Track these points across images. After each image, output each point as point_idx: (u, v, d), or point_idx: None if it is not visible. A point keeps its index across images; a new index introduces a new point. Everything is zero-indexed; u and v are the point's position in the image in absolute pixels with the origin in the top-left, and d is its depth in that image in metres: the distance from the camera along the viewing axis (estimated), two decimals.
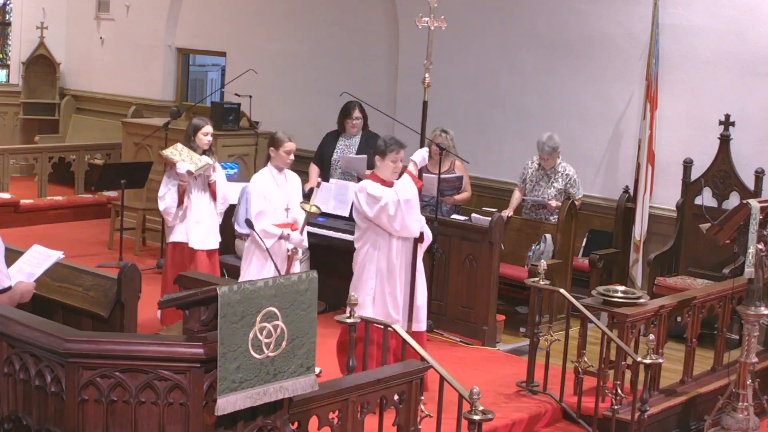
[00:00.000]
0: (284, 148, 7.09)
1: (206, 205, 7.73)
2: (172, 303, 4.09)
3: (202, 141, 7.72)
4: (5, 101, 14.13)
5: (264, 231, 6.88)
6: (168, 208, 7.61)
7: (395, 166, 6.59)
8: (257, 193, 7.01)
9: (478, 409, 5.11)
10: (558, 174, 8.89)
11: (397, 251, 6.57)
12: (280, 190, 7.09)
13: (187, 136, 7.77)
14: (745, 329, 6.63)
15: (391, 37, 11.18)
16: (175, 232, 7.70)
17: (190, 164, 7.53)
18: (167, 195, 7.62)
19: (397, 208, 6.43)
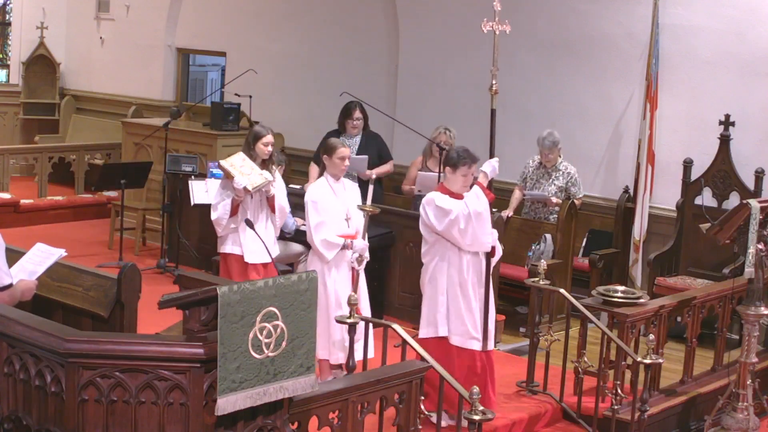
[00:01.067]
0: (338, 155, 6.74)
1: (263, 217, 7.24)
2: (172, 303, 4.09)
3: (263, 151, 7.25)
4: (5, 101, 14.14)
5: (325, 242, 6.60)
6: (219, 219, 7.15)
7: (466, 179, 6.28)
8: (314, 203, 6.69)
9: (478, 409, 5.12)
10: (559, 172, 8.90)
11: (468, 265, 6.27)
12: (339, 200, 6.77)
13: (247, 144, 7.32)
14: (745, 329, 6.63)
15: (391, 37, 11.18)
16: (228, 242, 7.24)
17: (248, 180, 7.02)
18: (220, 205, 7.14)
19: (468, 221, 6.12)
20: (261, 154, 7.24)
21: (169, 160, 9.95)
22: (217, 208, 7.16)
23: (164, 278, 9.55)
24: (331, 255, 6.61)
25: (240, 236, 7.15)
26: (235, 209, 7.09)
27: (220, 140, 10.60)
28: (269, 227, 7.25)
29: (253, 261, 7.18)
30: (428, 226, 6.27)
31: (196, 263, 9.77)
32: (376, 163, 9.16)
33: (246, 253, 7.16)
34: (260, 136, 7.29)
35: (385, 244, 8.59)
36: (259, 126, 7.46)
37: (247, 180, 7.00)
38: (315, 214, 6.67)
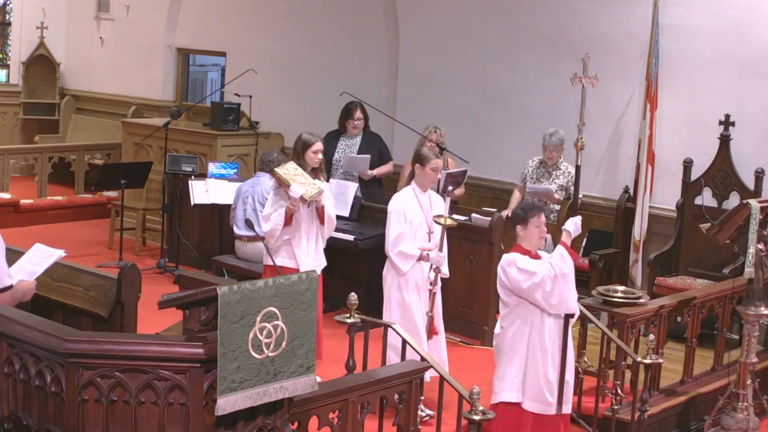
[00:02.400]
0: (431, 165, 6.51)
1: (314, 228, 6.94)
2: (172, 303, 4.09)
3: (312, 159, 6.94)
4: (5, 101, 14.13)
5: (401, 253, 6.43)
6: (273, 230, 6.78)
7: (540, 230, 5.95)
8: (397, 214, 6.45)
9: (478, 409, 5.12)
10: (560, 171, 8.90)
11: (550, 329, 5.93)
12: (423, 212, 6.55)
13: (296, 152, 7.02)
14: (745, 329, 6.63)
15: (391, 37, 11.18)
16: (280, 254, 6.87)
17: (304, 189, 6.73)
18: (273, 216, 6.79)
19: (555, 283, 5.80)
20: (311, 162, 6.94)
21: (169, 160, 9.95)
22: (270, 218, 6.80)
23: (164, 278, 9.56)
24: (406, 267, 6.42)
25: (294, 248, 6.84)
26: (289, 219, 6.78)
27: (220, 140, 10.60)
28: (318, 237, 6.96)
29: None
30: (510, 288, 5.88)
31: (196, 263, 9.77)
32: (376, 163, 9.17)
33: (301, 267, 6.82)
34: (309, 144, 6.97)
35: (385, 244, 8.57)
36: (307, 134, 7.10)
37: (304, 189, 6.71)
38: (396, 224, 6.46)
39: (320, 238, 6.98)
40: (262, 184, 8.46)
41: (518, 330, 5.92)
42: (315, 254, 6.91)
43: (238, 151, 10.80)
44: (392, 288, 6.62)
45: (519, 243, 5.98)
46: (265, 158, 8.62)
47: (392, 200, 6.62)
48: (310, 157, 6.95)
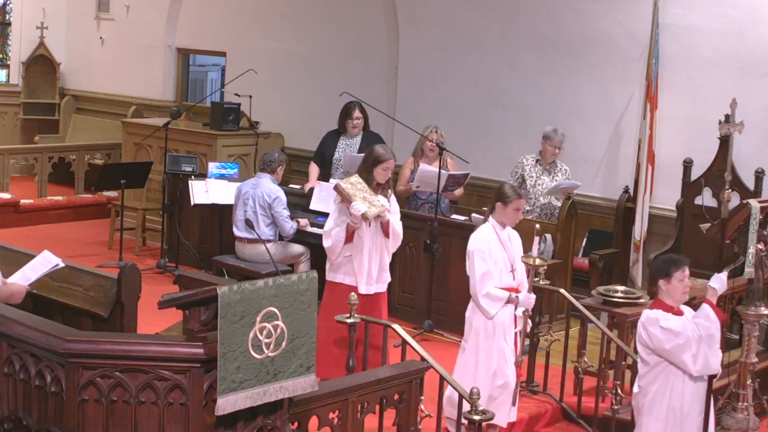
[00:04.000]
0: (514, 206, 6.23)
1: (378, 244, 6.65)
2: (172, 303, 4.09)
3: (381, 175, 6.61)
4: (5, 101, 14.13)
5: (489, 296, 6.11)
6: (334, 246, 6.56)
7: (684, 285, 5.55)
8: (480, 252, 6.13)
9: (478, 409, 5.12)
10: (557, 169, 8.91)
11: (692, 393, 5.57)
12: (505, 250, 6.25)
13: (366, 166, 6.66)
14: (745, 329, 6.63)
15: (391, 36, 11.18)
16: (339, 271, 6.64)
17: (366, 206, 6.46)
18: (334, 232, 6.55)
19: (699, 345, 5.44)
20: (379, 178, 6.61)
21: (169, 160, 9.95)
22: (331, 234, 6.57)
23: (164, 278, 9.55)
24: (495, 310, 6.12)
25: (354, 265, 6.60)
26: (350, 236, 6.54)
27: (220, 140, 10.60)
28: (383, 254, 6.69)
29: (367, 292, 6.59)
30: (651, 348, 5.52)
31: (196, 263, 9.77)
32: None
33: (361, 285, 6.58)
34: (382, 160, 6.60)
35: None
36: (382, 148, 6.73)
37: (366, 206, 6.46)
38: (481, 263, 6.13)
39: (385, 254, 6.71)
40: (262, 185, 8.46)
41: (658, 392, 5.57)
42: (379, 271, 6.65)
43: (238, 151, 10.80)
44: (479, 334, 6.23)
45: (661, 298, 5.58)
46: (266, 158, 8.62)
47: (472, 240, 6.24)
48: (380, 174, 6.62)
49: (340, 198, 6.56)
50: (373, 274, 6.62)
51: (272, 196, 8.39)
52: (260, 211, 8.38)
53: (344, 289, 6.53)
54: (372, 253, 6.61)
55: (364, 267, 6.58)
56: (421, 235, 8.43)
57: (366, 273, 6.58)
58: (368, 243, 6.58)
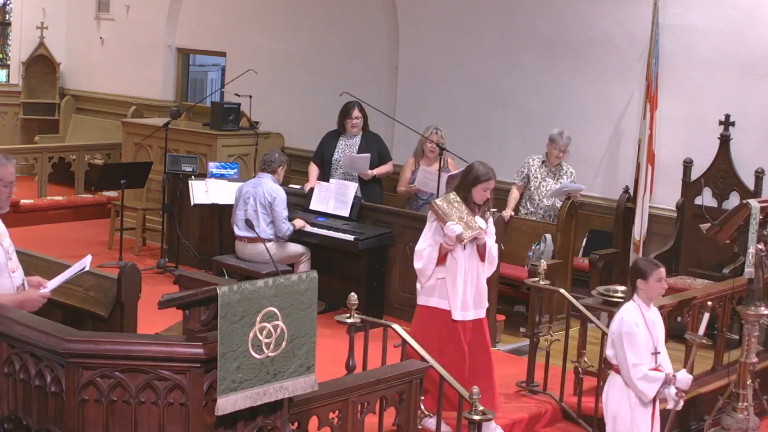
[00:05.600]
0: (655, 277, 5.73)
1: (474, 268, 6.26)
2: (172, 303, 4.09)
3: (480, 196, 6.24)
4: (5, 101, 14.13)
5: (646, 378, 5.70)
6: (425, 269, 6.19)
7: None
8: (630, 336, 5.69)
9: (478, 409, 5.12)
10: (562, 171, 8.92)
11: None
12: (649, 331, 5.78)
13: (464, 184, 6.26)
14: (745, 329, 6.63)
15: (390, 37, 11.18)
16: (433, 294, 6.26)
17: (462, 226, 6.11)
18: (425, 252, 6.19)
19: None
20: (477, 198, 6.24)
21: (169, 160, 9.95)
22: (422, 255, 6.20)
23: (164, 278, 9.55)
24: (653, 391, 5.73)
25: (448, 289, 6.19)
26: (443, 258, 6.17)
27: (220, 140, 10.60)
28: (479, 277, 6.29)
29: (463, 318, 6.22)
30: None
31: (196, 263, 9.77)
32: (376, 163, 9.17)
33: (455, 310, 6.20)
34: (483, 179, 6.23)
35: (385, 244, 8.59)
36: (483, 166, 6.34)
37: (462, 227, 6.11)
38: (632, 347, 5.69)
39: (482, 278, 6.29)
40: (263, 184, 8.46)
41: None
42: (474, 295, 6.24)
43: (238, 151, 10.80)
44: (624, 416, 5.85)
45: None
46: (267, 159, 8.62)
47: (619, 321, 5.77)
48: (479, 193, 6.23)
49: (434, 216, 6.18)
50: (468, 300, 6.21)
51: (273, 195, 8.40)
52: (261, 210, 8.38)
53: (437, 313, 6.22)
54: (467, 277, 6.19)
55: (458, 292, 6.17)
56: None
57: (461, 298, 6.18)
58: (463, 266, 6.18)
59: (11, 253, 4.91)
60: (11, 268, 4.87)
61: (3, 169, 4.87)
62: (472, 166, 6.34)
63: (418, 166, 9.06)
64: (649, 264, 5.82)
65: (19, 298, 4.81)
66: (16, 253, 5.00)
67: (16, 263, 4.93)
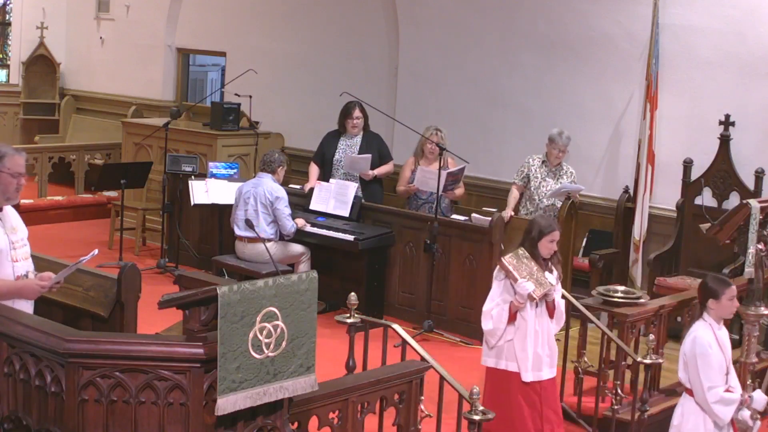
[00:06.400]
0: (728, 295, 5.60)
1: (544, 326, 6.02)
2: (172, 303, 4.09)
3: (547, 249, 6.01)
4: (5, 101, 14.14)
5: (722, 401, 5.55)
6: (496, 329, 5.95)
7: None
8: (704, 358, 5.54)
9: (478, 409, 5.11)
10: (562, 171, 8.91)
11: None
12: (722, 351, 5.64)
13: (529, 240, 6.03)
14: (745, 329, 6.64)
15: (391, 37, 11.18)
16: (501, 356, 6.01)
17: (533, 284, 5.89)
18: (495, 311, 5.95)
19: None
20: (544, 252, 6.02)
21: (169, 160, 9.95)
22: (492, 315, 5.97)
23: (164, 278, 9.56)
24: (729, 414, 5.58)
25: (516, 349, 5.96)
26: (513, 316, 5.94)
27: (220, 140, 10.60)
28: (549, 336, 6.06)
29: (533, 379, 5.98)
30: None
31: (196, 263, 9.77)
32: (376, 163, 9.18)
33: (524, 371, 5.96)
34: (548, 231, 6.03)
35: (385, 244, 8.60)
36: (543, 219, 6.26)
37: (533, 285, 5.89)
38: (707, 369, 5.55)
39: (550, 336, 6.08)
40: (264, 184, 8.46)
41: None
42: (545, 355, 6.02)
43: (238, 151, 10.80)
44: None
45: None
46: (267, 159, 8.63)
47: (692, 342, 5.63)
48: (546, 246, 6.01)
49: (503, 274, 5.95)
50: (539, 360, 5.99)
51: (274, 194, 8.40)
52: (261, 210, 8.39)
53: (507, 375, 6.00)
54: (537, 336, 5.97)
55: (529, 351, 5.94)
56: (421, 235, 8.43)
57: (532, 358, 5.96)
58: (533, 324, 5.95)
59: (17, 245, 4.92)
60: (14, 257, 4.88)
61: (12, 159, 4.88)
62: (533, 221, 6.16)
63: (417, 165, 9.06)
64: (720, 283, 5.65)
65: (17, 285, 4.83)
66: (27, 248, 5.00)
67: (22, 255, 4.94)
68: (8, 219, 4.96)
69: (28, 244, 5.05)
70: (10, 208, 5.00)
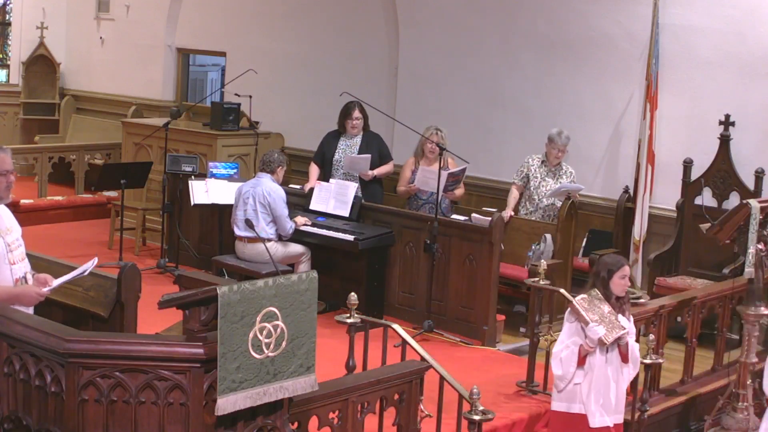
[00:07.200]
0: None
1: (614, 370, 5.85)
2: (172, 303, 4.09)
3: (619, 287, 5.84)
4: (5, 101, 14.13)
5: None
6: (565, 373, 5.80)
7: None
8: None
9: (478, 409, 5.12)
10: (562, 170, 8.91)
11: None
12: None
13: (599, 278, 5.88)
14: (745, 329, 6.64)
15: (391, 37, 11.18)
16: (570, 400, 5.86)
17: (605, 327, 5.74)
18: (565, 356, 5.80)
19: None
20: (617, 290, 5.85)
21: (169, 160, 9.95)
22: (561, 358, 5.82)
23: (164, 278, 9.55)
24: None
25: (583, 393, 5.82)
26: (582, 360, 5.79)
27: (220, 140, 10.60)
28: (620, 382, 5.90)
29: (602, 425, 5.83)
30: None
31: (196, 263, 9.76)
32: (376, 163, 9.17)
33: (592, 417, 5.81)
34: (617, 267, 5.87)
35: (384, 244, 8.60)
36: (610, 257, 6.06)
37: (605, 329, 5.73)
38: None
39: (621, 381, 5.90)
40: (263, 184, 8.46)
41: None
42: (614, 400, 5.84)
43: (238, 151, 10.80)
44: None
45: None
46: (266, 159, 8.62)
47: None
48: (617, 284, 5.85)
49: (574, 317, 5.84)
50: (609, 404, 5.83)
51: (272, 194, 8.40)
52: (260, 209, 8.38)
53: (574, 419, 5.87)
54: (608, 381, 5.83)
55: (598, 396, 5.81)
56: (421, 235, 8.43)
57: (601, 403, 5.82)
58: (602, 368, 5.82)
59: (14, 247, 4.90)
60: (11, 260, 4.86)
61: None
62: (599, 261, 6.04)
63: (418, 165, 9.05)
64: None
65: (15, 291, 4.80)
66: (23, 248, 4.98)
67: (18, 256, 4.92)
68: (2, 220, 4.91)
69: (23, 244, 5.03)
70: (3, 208, 4.95)
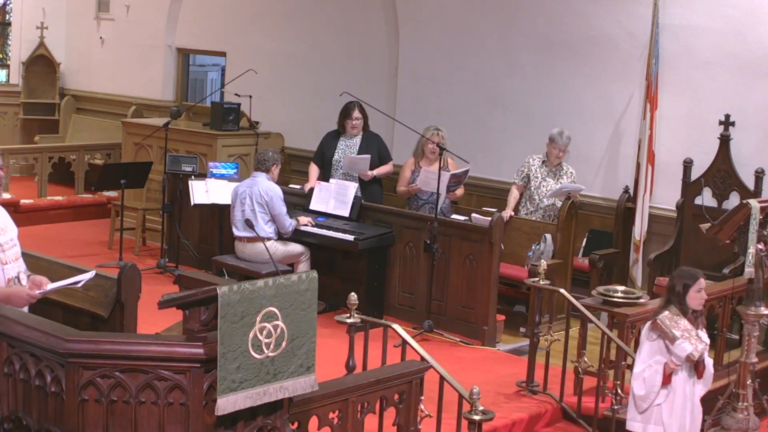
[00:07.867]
0: None
1: (691, 387, 5.74)
2: (172, 303, 4.09)
3: (696, 300, 5.70)
4: (5, 101, 14.13)
5: None
6: (649, 393, 5.63)
7: None
8: None
9: (478, 409, 5.12)
10: (562, 171, 8.91)
11: None
12: None
13: (676, 295, 5.71)
14: (745, 329, 6.63)
15: (391, 37, 11.18)
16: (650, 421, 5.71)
17: (691, 344, 5.61)
18: (648, 375, 5.64)
19: None
20: (693, 304, 5.71)
21: (169, 160, 9.95)
22: (644, 378, 5.66)
23: (164, 278, 9.56)
24: None
25: (664, 414, 5.68)
26: (667, 378, 5.64)
27: (220, 140, 10.60)
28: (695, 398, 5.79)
29: None
30: None
31: (196, 263, 9.77)
32: (376, 163, 9.17)
33: None
34: (693, 281, 5.71)
35: (384, 244, 8.60)
36: (685, 270, 5.92)
37: (692, 345, 5.60)
38: None
39: (695, 399, 5.80)
40: (259, 183, 8.46)
41: None
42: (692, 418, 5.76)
43: (238, 151, 10.80)
44: None
45: None
46: (260, 158, 8.63)
47: None
48: (694, 298, 5.71)
49: (656, 334, 5.65)
50: (686, 424, 5.74)
51: (269, 193, 8.40)
52: (258, 209, 8.39)
53: None
54: (686, 399, 5.72)
55: (677, 415, 5.70)
56: (421, 235, 8.43)
57: (681, 422, 5.72)
58: (682, 387, 5.70)
59: (6, 247, 4.89)
60: (4, 260, 4.85)
61: None
62: (673, 276, 5.89)
63: (418, 166, 9.05)
64: None
65: (6, 291, 4.79)
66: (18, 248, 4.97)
67: (12, 256, 4.91)
68: None
69: (18, 244, 5.02)
70: None
